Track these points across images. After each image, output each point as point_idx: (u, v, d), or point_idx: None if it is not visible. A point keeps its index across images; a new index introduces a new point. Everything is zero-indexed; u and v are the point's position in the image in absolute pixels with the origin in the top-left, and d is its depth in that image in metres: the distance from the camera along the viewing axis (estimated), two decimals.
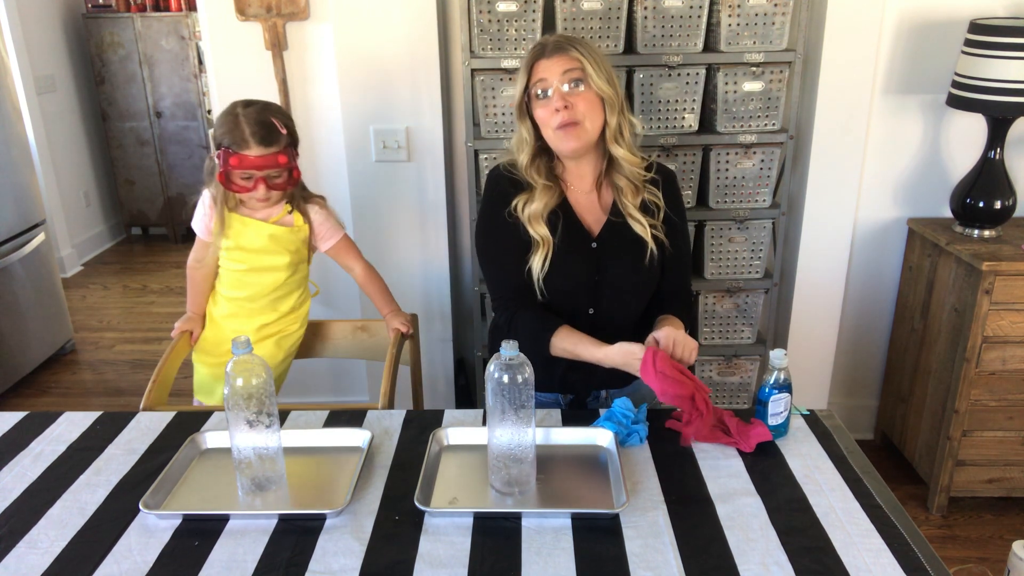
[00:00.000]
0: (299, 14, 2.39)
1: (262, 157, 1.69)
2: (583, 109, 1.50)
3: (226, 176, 1.72)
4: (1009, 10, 2.30)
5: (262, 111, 1.73)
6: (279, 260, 1.85)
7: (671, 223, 1.62)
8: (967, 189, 2.27)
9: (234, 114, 1.71)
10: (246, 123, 1.69)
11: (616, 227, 1.60)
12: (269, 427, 1.28)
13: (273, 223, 1.82)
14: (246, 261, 1.85)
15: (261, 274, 1.86)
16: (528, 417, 1.24)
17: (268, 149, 1.69)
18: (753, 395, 2.53)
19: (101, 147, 5.01)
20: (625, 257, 1.59)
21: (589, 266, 1.60)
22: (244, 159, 1.68)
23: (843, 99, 2.33)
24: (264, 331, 1.91)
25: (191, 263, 1.93)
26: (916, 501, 2.45)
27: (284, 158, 1.71)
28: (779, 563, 1.12)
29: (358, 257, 1.95)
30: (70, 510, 1.27)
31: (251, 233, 1.82)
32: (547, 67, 1.50)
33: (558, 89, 1.49)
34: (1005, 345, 2.19)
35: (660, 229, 1.59)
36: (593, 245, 1.60)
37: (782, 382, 1.39)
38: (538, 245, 1.57)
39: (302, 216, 1.84)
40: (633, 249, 1.59)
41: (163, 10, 4.66)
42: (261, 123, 1.70)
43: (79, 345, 3.73)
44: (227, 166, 1.70)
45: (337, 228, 1.90)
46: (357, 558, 1.14)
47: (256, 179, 1.71)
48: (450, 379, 2.68)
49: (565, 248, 1.58)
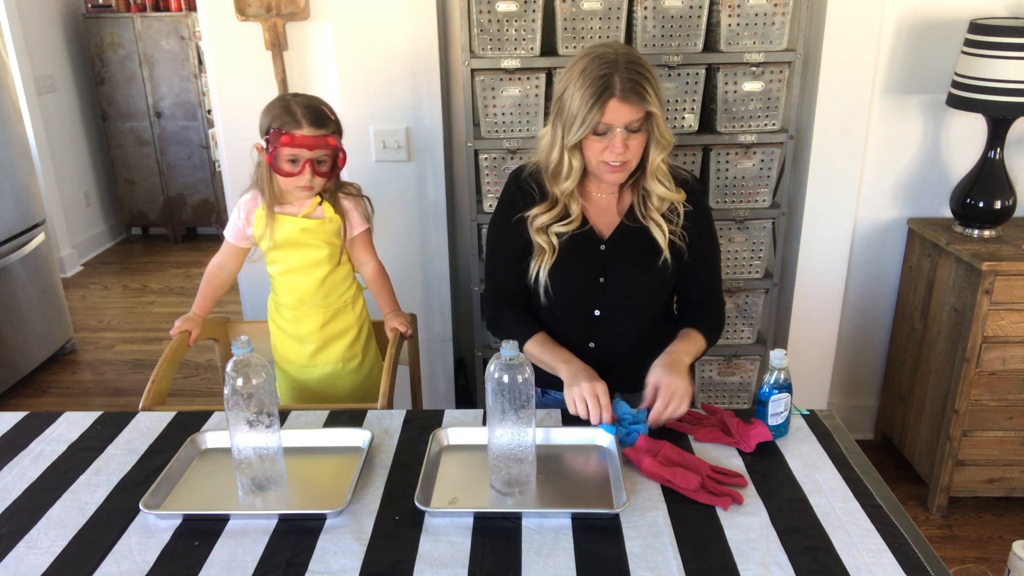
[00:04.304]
0: (299, 14, 2.39)
1: (313, 137, 1.70)
2: (632, 153, 1.48)
3: (274, 158, 1.72)
4: (1009, 10, 2.30)
5: (311, 98, 1.78)
6: (316, 254, 1.84)
7: (696, 230, 1.59)
8: (967, 189, 2.27)
9: (284, 99, 1.75)
10: (297, 106, 1.72)
11: (629, 231, 1.58)
12: (269, 427, 1.28)
13: (304, 216, 1.82)
14: (286, 260, 1.85)
15: (303, 272, 1.86)
16: (528, 417, 1.24)
17: (319, 130, 1.71)
18: (753, 395, 2.53)
19: (101, 147, 5.01)
20: (634, 260, 1.58)
21: (595, 268, 1.59)
22: (295, 137, 1.69)
23: (843, 99, 2.33)
24: (327, 331, 1.90)
25: (212, 266, 1.93)
26: (916, 501, 2.45)
27: (334, 141, 1.74)
28: (779, 563, 1.12)
29: (373, 254, 1.96)
30: (70, 510, 1.27)
31: (284, 229, 1.82)
32: (616, 110, 1.43)
33: (620, 133, 1.45)
34: (1005, 345, 2.19)
35: (679, 235, 1.57)
36: (602, 248, 1.60)
37: (782, 382, 1.39)
38: (541, 250, 1.57)
39: (332, 207, 1.84)
40: (644, 252, 1.57)
41: (163, 10, 4.66)
42: (312, 106, 1.73)
43: (79, 345, 3.73)
44: (277, 145, 1.70)
45: (362, 220, 1.89)
46: (357, 558, 1.14)
47: (304, 161, 1.71)
48: (450, 379, 2.68)
49: (571, 250, 1.58)
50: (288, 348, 1.94)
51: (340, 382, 1.95)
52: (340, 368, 1.94)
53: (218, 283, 1.94)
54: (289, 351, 1.94)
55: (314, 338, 1.90)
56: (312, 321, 1.89)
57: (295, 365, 1.95)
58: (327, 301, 1.89)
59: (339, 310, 1.91)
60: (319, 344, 1.90)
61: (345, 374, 1.95)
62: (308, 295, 1.87)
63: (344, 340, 1.93)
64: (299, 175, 1.72)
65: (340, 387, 1.96)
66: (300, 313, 1.89)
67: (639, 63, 1.46)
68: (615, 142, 1.45)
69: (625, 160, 1.48)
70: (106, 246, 5.13)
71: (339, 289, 1.91)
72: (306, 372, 1.94)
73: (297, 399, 1.99)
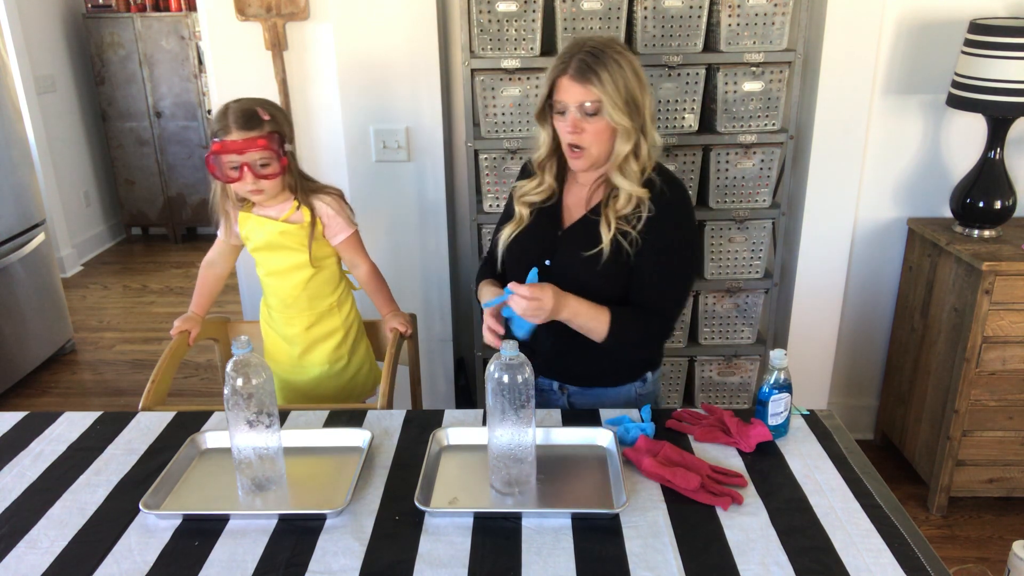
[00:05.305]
0: (299, 14, 2.39)
1: (242, 141, 1.70)
2: (590, 138, 1.50)
3: (215, 165, 1.73)
4: (1009, 10, 2.30)
5: (248, 102, 1.76)
6: (296, 258, 1.85)
7: (650, 238, 1.54)
8: (967, 189, 2.27)
9: (224, 106, 1.75)
10: (231, 111, 1.72)
11: (588, 223, 1.59)
12: (269, 427, 1.28)
13: (283, 221, 1.82)
14: (268, 263, 1.87)
15: (286, 275, 1.87)
16: (528, 417, 1.24)
17: (248, 133, 1.70)
18: (753, 395, 2.53)
19: (101, 147, 5.01)
20: (580, 252, 1.56)
21: (544, 249, 1.63)
22: (225, 144, 1.70)
23: (843, 99, 2.33)
24: (312, 333, 1.91)
25: (203, 263, 1.96)
26: (916, 501, 2.45)
27: (264, 141, 1.71)
28: (779, 563, 1.12)
29: (364, 256, 1.95)
30: (70, 510, 1.27)
31: (264, 232, 1.83)
32: (566, 89, 1.49)
33: (572, 113, 1.49)
34: (1005, 345, 2.19)
35: (633, 240, 1.53)
36: (559, 233, 1.63)
37: (782, 382, 1.39)
38: (513, 220, 1.66)
39: (311, 211, 1.84)
40: (592, 247, 1.56)
41: (163, 10, 4.66)
42: (243, 110, 1.73)
43: (79, 345, 3.73)
44: (211, 153, 1.72)
45: (347, 224, 1.89)
46: (357, 558, 1.14)
47: (241, 166, 1.71)
48: (450, 379, 2.68)
49: (534, 228, 1.64)
50: (278, 349, 1.96)
51: (328, 383, 1.96)
52: (327, 370, 1.94)
53: (212, 279, 1.96)
54: (279, 352, 1.96)
55: (300, 340, 1.91)
56: (298, 323, 1.90)
57: (284, 366, 1.96)
58: (312, 304, 1.90)
59: (324, 313, 1.91)
60: (305, 346, 1.91)
61: (332, 375, 1.96)
62: (292, 298, 1.88)
63: (330, 343, 1.93)
64: (241, 180, 1.73)
65: (327, 388, 1.97)
66: (286, 315, 1.91)
67: (602, 50, 1.48)
68: (567, 120, 1.50)
69: (582, 144, 1.51)
70: (106, 246, 5.13)
71: (323, 292, 1.91)
72: (295, 373, 1.95)
73: (287, 400, 1.99)
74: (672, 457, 1.33)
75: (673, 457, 1.33)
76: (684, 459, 1.33)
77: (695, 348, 2.50)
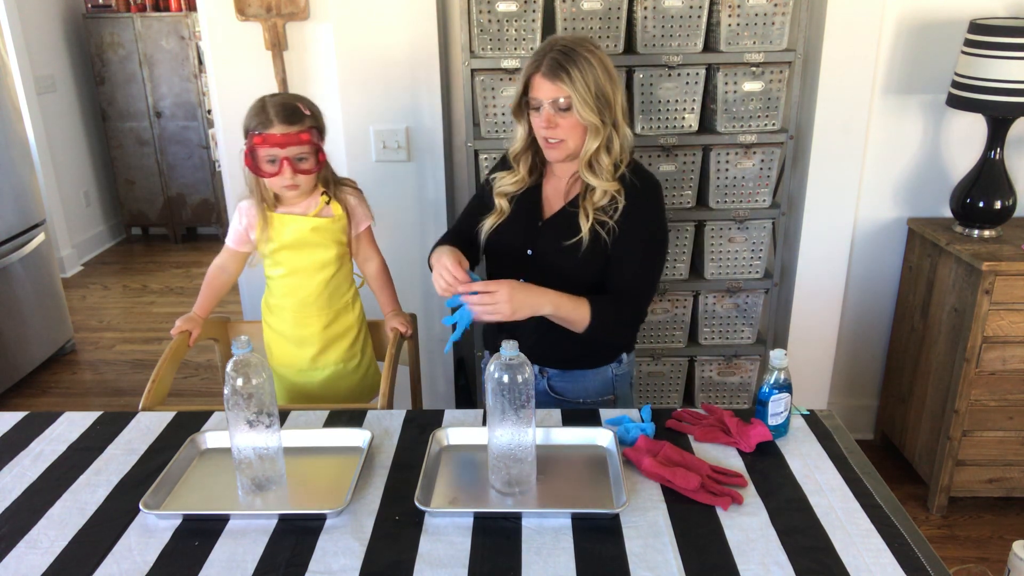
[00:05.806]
0: (299, 14, 2.39)
1: (285, 135, 1.70)
2: (564, 132, 1.59)
3: (253, 160, 1.73)
4: (1009, 10, 2.31)
5: (287, 96, 1.79)
6: (326, 254, 1.85)
7: (624, 227, 1.61)
8: (967, 189, 2.27)
9: (262, 100, 1.76)
10: (271, 105, 1.73)
11: (567, 215, 1.66)
12: (269, 427, 1.28)
13: (314, 216, 1.82)
14: (292, 262, 1.85)
15: (309, 274, 1.86)
16: (528, 417, 1.24)
17: (291, 127, 1.71)
18: (753, 395, 2.53)
19: (101, 147, 5.01)
20: (560, 241, 1.64)
21: (526, 240, 1.69)
22: (268, 137, 1.70)
23: (843, 99, 2.33)
24: (330, 332, 1.90)
25: (213, 267, 1.93)
26: (916, 501, 2.45)
27: (307, 136, 1.73)
28: (779, 563, 1.12)
29: (377, 250, 1.96)
30: (70, 510, 1.27)
31: (293, 230, 1.82)
32: (539, 86, 1.57)
33: (546, 109, 1.57)
34: (1005, 345, 2.19)
35: (610, 229, 1.60)
36: (539, 224, 1.70)
37: (782, 382, 1.39)
38: (494, 212, 1.72)
39: (340, 204, 1.85)
40: (571, 237, 1.63)
41: (163, 10, 4.66)
42: (285, 104, 1.74)
43: (79, 345, 3.74)
44: (252, 146, 1.72)
45: (367, 215, 1.90)
46: (357, 558, 1.14)
47: (281, 160, 1.72)
48: (450, 379, 2.68)
49: (515, 218, 1.70)
50: (285, 352, 1.93)
51: (341, 383, 1.95)
52: (341, 368, 1.93)
53: (219, 284, 1.94)
54: (287, 355, 1.93)
55: (316, 340, 1.89)
56: (315, 323, 1.89)
57: (293, 370, 1.94)
58: (331, 301, 1.89)
59: (341, 310, 1.91)
60: (321, 346, 1.90)
61: (345, 374, 1.95)
62: (312, 297, 1.87)
63: (346, 340, 1.93)
64: (279, 175, 1.73)
65: (340, 388, 1.96)
66: (302, 316, 1.89)
67: (573, 48, 1.55)
68: (542, 116, 1.58)
69: (556, 138, 1.59)
70: (106, 246, 5.13)
71: (341, 289, 1.91)
72: (305, 376, 1.94)
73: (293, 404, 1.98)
74: (672, 457, 1.34)
75: (673, 457, 1.34)
76: (684, 459, 1.34)
77: (695, 348, 2.50)
